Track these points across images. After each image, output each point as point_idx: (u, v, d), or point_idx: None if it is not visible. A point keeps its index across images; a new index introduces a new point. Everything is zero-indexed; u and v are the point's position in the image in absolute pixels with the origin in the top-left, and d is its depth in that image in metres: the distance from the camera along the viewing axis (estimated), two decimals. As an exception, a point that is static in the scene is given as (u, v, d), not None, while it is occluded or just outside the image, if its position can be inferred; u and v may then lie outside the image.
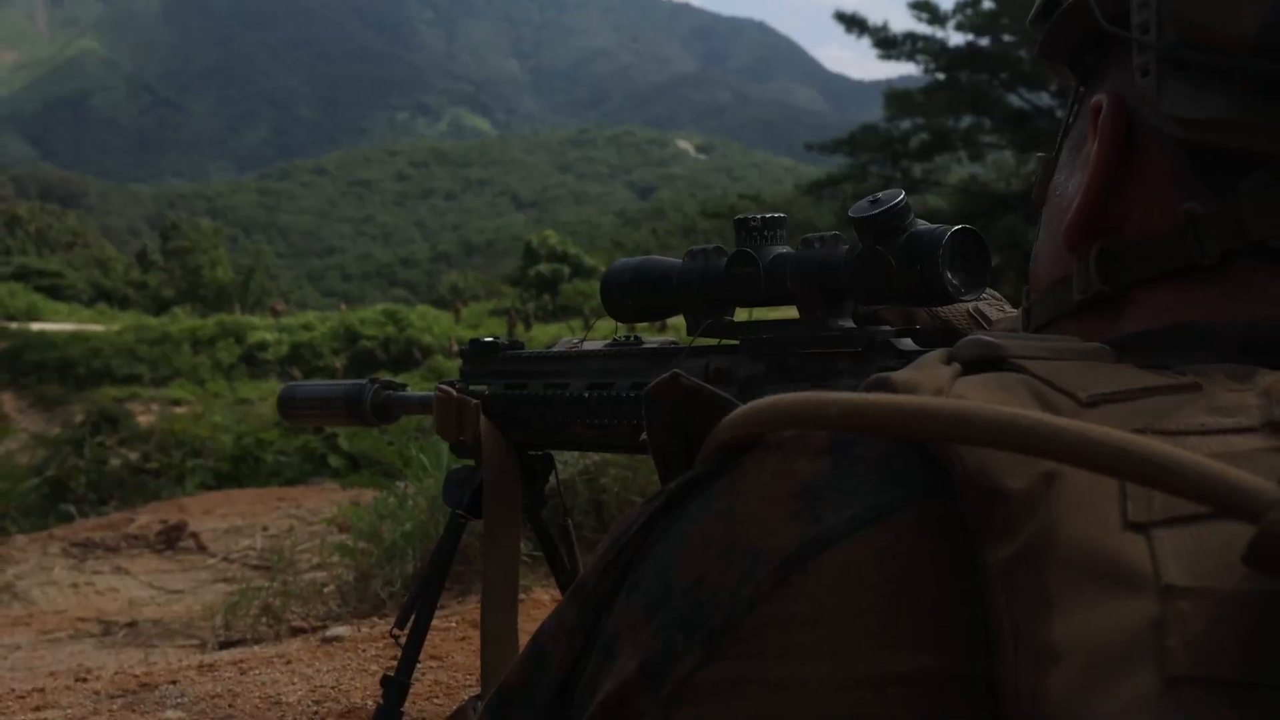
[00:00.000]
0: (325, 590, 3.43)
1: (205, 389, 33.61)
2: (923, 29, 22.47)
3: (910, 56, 22.76)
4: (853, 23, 23.02)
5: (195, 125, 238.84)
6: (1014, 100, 22.56)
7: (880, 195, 0.95)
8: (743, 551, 0.41)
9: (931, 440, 0.39)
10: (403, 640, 1.51)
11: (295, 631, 3.08)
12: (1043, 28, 0.60)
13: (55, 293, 45.80)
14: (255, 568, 4.30)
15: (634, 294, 1.16)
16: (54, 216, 65.63)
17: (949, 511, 0.39)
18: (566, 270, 43.36)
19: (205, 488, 6.93)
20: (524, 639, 1.02)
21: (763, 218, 1.05)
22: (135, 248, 69.29)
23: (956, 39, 22.61)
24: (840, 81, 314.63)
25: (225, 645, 3.07)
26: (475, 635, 2.60)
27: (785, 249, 1.06)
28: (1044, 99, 22.50)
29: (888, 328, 1.03)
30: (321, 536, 4.45)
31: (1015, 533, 0.37)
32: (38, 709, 2.27)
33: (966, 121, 22.61)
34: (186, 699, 2.25)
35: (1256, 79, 0.47)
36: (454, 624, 2.86)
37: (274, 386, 33.59)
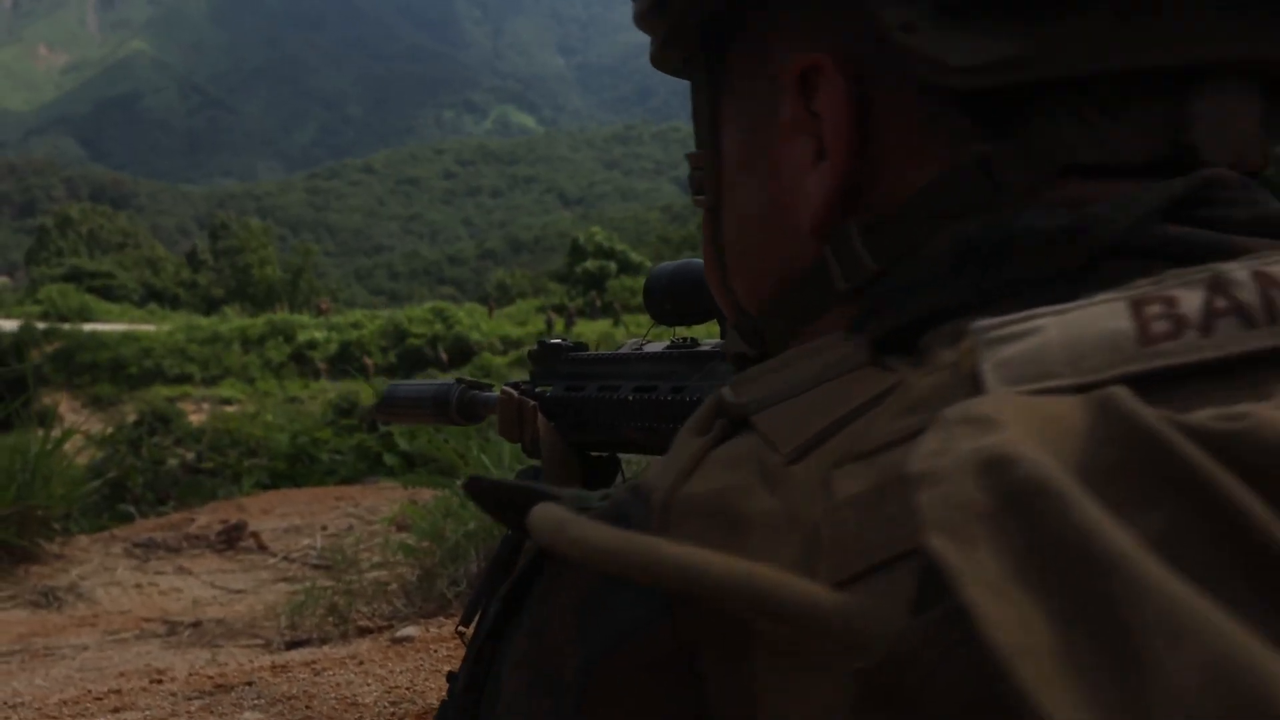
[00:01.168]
0: (389, 590, 3.32)
1: (255, 388, 33.99)
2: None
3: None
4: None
5: (245, 125, 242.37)
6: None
7: None
8: (547, 684, 0.40)
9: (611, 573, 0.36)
10: (468, 637, 1.46)
11: (362, 631, 3.02)
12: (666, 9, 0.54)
13: (107, 293, 46.47)
14: (316, 567, 4.26)
15: (672, 296, 1.20)
16: (105, 217, 66.71)
17: (683, 622, 0.37)
18: (613, 267, 43.33)
19: (261, 487, 6.85)
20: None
21: None
22: (185, 247, 70.32)
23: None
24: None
25: (292, 645, 2.98)
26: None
27: None
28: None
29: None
30: (384, 535, 4.45)
31: (718, 627, 0.36)
32: (116, 710, 2.26)
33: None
34: (263, 700, 2.23)
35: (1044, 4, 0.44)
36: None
37: (323, 385, 33.93)
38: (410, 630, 2.71)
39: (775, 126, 0.51)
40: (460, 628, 1.49)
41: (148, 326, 39.31)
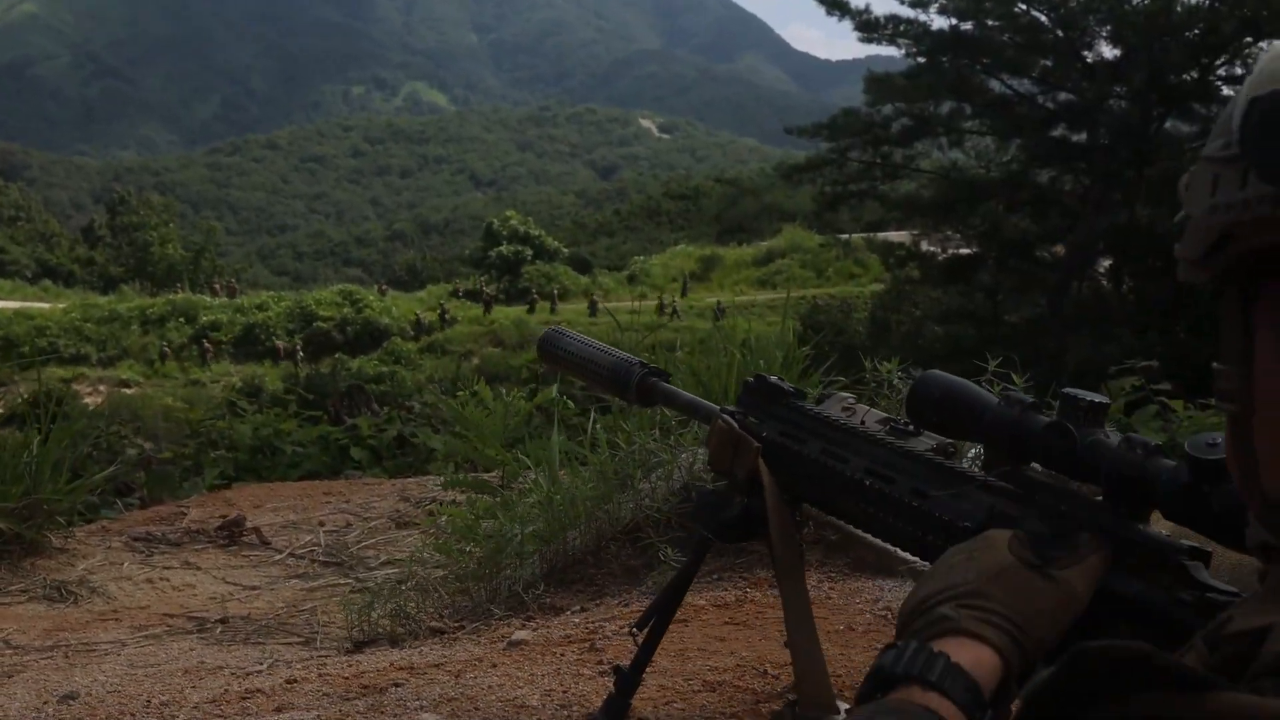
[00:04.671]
0: (452, 590, 3.29)
1: (155, 369, 33.01)
2: (906, 12, 22.35)
3: (892, 40, 22.64)
4: (834, 4, 22.80)
5: (142, 97, 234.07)
6: (995, 86, 22.56)
7: (1219, 439, 1.00)
8: None
9: None
10: (640, 639, 1.68)
11: (434, 632, 2.99)
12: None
13: (-3, 268, 44.69)
14: (326, 564, 4.23)
15: (940, 410, 1.23)
16: (-4, 189, 63.92)
17: None
18: (528, 252, 42.93)
19: (225, 479, 6.74)
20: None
21: (1091, 402, 1.11)
22: (80, 222, 67.57)
23: (939, 22, 22.52)
24: (807, 61, 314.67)
25: (361, 645, 2.95)
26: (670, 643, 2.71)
27: (1104, 435, 1.12)
28: (1025, 85, 22.53)
29: (1187, 543, 1.08)
30: (385, 533, 4.45)
31: None
32: (279, 710, 2.23)
33: (947, 106, 22.56)
34: (425, 701, 2.19)
35: None
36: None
37: (226, 368, 32.99)
38: (522, 634, 2.70)
39: None
40: (634, 629, 1.69)
41: (41, 304, 37.96)
